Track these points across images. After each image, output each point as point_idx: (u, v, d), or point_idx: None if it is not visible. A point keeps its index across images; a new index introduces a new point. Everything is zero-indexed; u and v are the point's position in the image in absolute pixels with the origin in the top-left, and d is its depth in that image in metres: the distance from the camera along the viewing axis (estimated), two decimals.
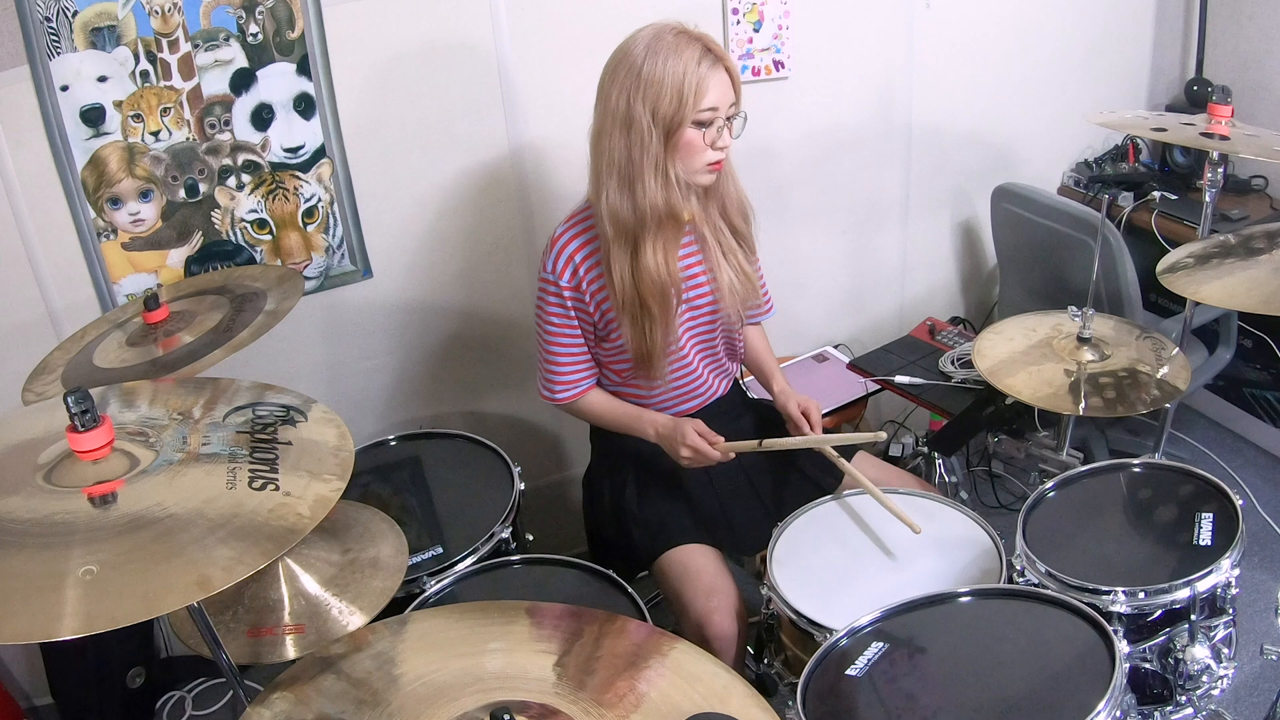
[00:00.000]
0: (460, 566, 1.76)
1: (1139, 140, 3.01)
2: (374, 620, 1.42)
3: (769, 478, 1.96)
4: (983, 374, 1.87)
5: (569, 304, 1.80)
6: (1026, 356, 1.89)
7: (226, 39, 1.97)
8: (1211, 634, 1.53)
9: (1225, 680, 1.54)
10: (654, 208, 1.69)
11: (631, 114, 1.64)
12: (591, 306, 1.80)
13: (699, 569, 1.79)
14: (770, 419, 1.99)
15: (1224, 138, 1.96)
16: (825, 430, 1.91)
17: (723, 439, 1.78)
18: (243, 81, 2.02)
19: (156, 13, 1.90)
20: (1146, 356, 1.88)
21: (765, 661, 1.70)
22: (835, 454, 1.88)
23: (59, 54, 1.86)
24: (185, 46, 1.95)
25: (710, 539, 1.86)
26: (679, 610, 1.80)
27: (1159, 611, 1.50)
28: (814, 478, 1.94)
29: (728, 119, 1.69)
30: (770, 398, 1.99)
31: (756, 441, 1.82)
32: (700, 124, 1.66)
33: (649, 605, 1.64)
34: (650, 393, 1.90)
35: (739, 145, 1.75)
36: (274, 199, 2.14)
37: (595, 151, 1.73)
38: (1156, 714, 1.55)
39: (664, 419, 1.84)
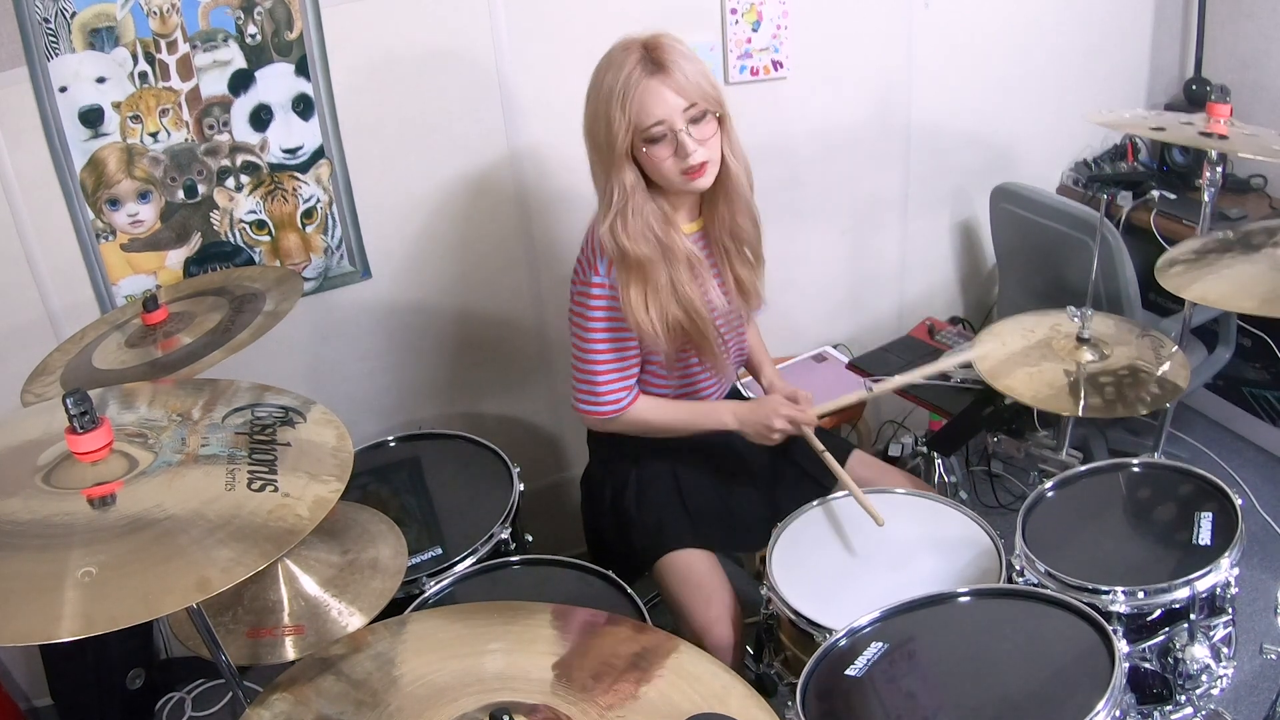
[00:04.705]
0: (459, 567, 1.76)
1: (1138, 139, 3.01)
2: (373, 621, 1.42)
3: (768, 476, 1.96)
4: (982, 374, 1.87)
5: (618, 306, 1.68)
6: (1026, 356, 1.89)
7: (225, 40, 1.97)
8: (1211, 633, 1.53)
9: (1225, 680, 1.54)
10: (647, 236, 1.62)
11: (595, 137, 1.61)
12: None
13: (699, 576, 1.80)
14: None
15: (1223, 137, 1.96)
16: (820, 427, 1.90)
17: (810, 399, 1.80)
18: (241, 82, 2.02)
19: (155, 14, 1.90)
20: (1146, 356, 1.88)
21: (765, 662, 1.70)
22: (821, 446, 1.84)
23: (57, 55, 1.86)
24: (184, 47, 1.95)
25: (709, 541, 1.86)
26: (680, 616, 1.81)
27: (1158, 611, 1.50)
28: (814, 476, 1.94)
29: (693, 121, 1.58)
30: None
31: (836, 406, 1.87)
32: (652, 140, 1.57)
33: (648, 606, 1.64)
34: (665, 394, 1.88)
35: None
36: (273, 200, 2.13)
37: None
38: (1156, 713, 1.54)
39: (742, 404, 1.84)
